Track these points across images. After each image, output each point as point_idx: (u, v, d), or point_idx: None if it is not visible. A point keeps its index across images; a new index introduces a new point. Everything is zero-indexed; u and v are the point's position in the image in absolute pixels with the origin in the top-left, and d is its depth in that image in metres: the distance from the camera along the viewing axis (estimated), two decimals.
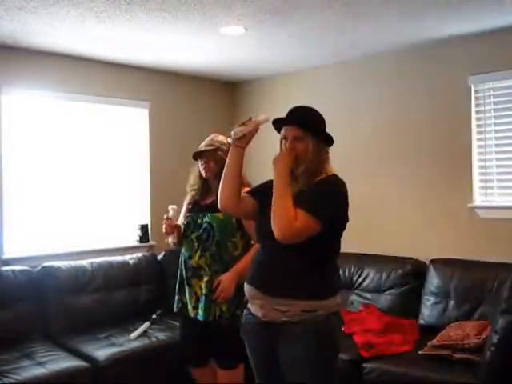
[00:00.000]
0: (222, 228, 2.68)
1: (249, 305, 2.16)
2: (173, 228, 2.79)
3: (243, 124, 2.10)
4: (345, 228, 2.09)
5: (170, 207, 2.81)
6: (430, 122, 3.89)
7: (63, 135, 4.06)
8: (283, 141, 2.13)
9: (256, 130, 2.11)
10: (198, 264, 2.71)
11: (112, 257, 4.04)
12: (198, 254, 2.71)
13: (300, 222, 1.92)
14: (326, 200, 2.00)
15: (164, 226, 2.78)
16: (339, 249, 2.13)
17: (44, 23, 3.19)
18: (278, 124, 2.16)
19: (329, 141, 2.11)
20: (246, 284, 2.15)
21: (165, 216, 2.79)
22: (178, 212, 2.85)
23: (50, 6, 2.91)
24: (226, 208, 2.20)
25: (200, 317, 2.69)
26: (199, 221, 2.74)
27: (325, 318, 2.00)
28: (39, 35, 3.45)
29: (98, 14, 3.07)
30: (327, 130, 2.14)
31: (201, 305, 2.69)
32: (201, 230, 2.72)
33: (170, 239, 2.86)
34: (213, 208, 2.57)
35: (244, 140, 2.10)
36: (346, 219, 2.07)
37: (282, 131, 2.13)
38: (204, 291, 2.68)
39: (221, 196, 2.16)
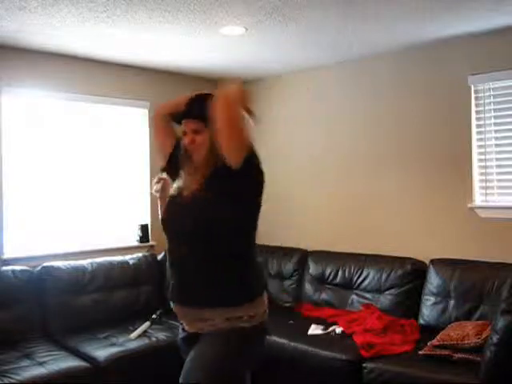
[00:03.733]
0: None
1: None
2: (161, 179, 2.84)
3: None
4: (258, 216, 1.94)
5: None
6: (430, 121, 3.89)
7: (63, 135, 4.06)
8: (183, 137, 1.95)
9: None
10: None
11: (112, 257, 4.04)
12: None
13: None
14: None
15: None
16: (254, 243, 1.97)
17: (44, 23, 3.20)
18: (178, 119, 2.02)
19: None
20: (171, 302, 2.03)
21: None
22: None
23: (50, 6, 2.91)
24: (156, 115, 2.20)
25: None
26: None
27: (247, 330, 1.86)
28: (39, 35, 3.45)
29: (98, 14, 3.07)
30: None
31: None
32: None
33: (154, 188, 2.89)
34: None
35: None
36: (259, 204, 1.93)
37: (182, 125, 1.97)
38: None
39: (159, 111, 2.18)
